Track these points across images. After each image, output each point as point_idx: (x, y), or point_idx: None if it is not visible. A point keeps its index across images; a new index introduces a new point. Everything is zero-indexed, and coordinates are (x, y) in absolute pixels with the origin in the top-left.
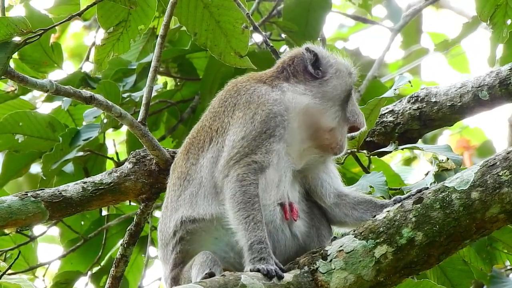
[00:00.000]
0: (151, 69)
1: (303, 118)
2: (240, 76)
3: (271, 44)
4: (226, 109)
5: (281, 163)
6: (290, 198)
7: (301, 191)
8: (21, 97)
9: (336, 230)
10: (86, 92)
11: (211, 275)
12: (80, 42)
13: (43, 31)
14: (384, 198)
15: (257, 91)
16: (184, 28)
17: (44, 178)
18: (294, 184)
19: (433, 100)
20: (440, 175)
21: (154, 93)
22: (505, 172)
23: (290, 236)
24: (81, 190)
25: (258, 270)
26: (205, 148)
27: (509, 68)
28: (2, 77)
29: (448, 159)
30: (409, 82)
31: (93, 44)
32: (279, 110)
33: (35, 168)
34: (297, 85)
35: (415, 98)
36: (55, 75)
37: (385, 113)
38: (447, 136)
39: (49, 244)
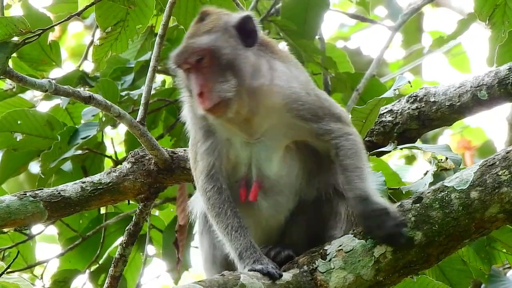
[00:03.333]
0: (150, 69)
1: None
2: None
3: None
4: None
5: (229, 149)
6: (257, 176)
7: (294, 161)
8: (21, 95)
9: None
10: (85, 92)
11: None
12: (81, 42)
13: (42, 31)
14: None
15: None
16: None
17: (43, 176)
18: (279, 156)
19: (432, 100)
20: (439, 175)
21: (152, 92)
22: (504, 172)
23: (261, 216)
24: (79, 190)
25: (257, 271)
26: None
27: (508, 68)
28: (1, 77)
29: (447, 158)
30: (409, 82)
31: (91, 43)
32: (191, 125)
33: (35, 167)
34: None
35: (414, 97)
36: (54, 74)
37: (384, 113)
38: (447, 136)
39: (48, 244)
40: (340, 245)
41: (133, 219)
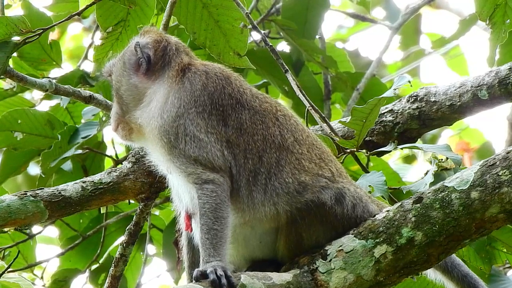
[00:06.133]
0: None
1: None
2: (238, 73)
3: (270, 44)
4: None
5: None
6: (186, 205)
7: None
8: (21, 94)
9: None
10: (86, 92)
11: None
12: (80, 44)
13: (42, 30)
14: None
15: None
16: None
17: (43, 176)
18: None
19: (432, 99)
20: (439, 175)
21: None
22: (504, 172)
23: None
24: (80, 189)
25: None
26: None
27: (508, 67)
28: (2, 76)
29: (447, 158)
30: (409, 82)
31: (90, 46)
32: None
33: (34, 169)
34: None
35: (414, 97)
36: (54, 73)
37: (384, 113)
38: (446, 139)
39: (47, 245)
40: (341, 245)
41: (133, 219)
